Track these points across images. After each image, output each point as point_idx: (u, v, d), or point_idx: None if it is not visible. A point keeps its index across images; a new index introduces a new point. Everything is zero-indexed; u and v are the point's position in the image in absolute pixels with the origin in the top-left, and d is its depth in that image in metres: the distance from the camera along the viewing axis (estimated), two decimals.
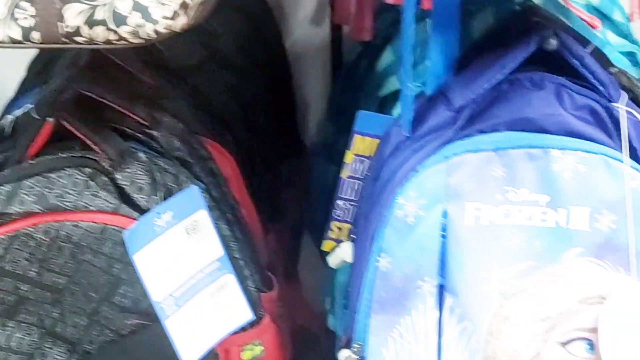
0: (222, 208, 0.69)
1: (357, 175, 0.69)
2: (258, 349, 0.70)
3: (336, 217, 0.70)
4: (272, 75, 0.88)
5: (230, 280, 0.67)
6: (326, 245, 0.71)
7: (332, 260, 0.67)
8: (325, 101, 0.92)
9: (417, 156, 0.59)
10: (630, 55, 0.78)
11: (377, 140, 0.66)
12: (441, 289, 0.59)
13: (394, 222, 0.58)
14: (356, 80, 0.85)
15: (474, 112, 0.59)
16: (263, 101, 0.84)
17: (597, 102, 0.58)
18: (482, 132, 0.58)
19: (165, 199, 0.64)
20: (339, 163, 0.72)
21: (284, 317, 0.77)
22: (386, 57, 0.76)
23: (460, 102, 0.59)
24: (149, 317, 0.64)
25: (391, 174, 0.60)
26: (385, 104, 0.75)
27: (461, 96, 0.59)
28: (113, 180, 0.63)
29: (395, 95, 0.70)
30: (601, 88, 0.58)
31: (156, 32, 0.48)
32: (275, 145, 0.87)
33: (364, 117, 0.68)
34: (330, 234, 0.71)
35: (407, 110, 0.59)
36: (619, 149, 0.57)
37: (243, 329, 0.70)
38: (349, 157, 0.69)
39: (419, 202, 0.58)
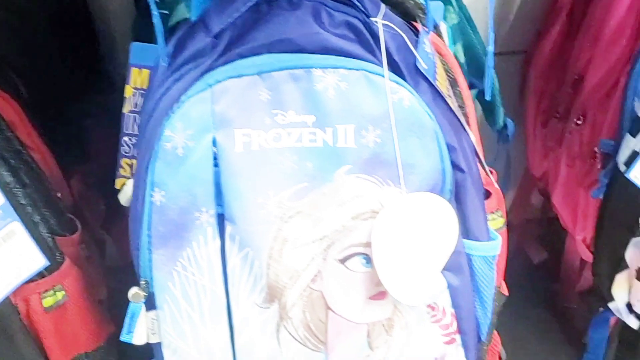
0: (2, 154, 0.66)
1: (137, 109, 0.67)
2: (60, 294, 0.69)
3: (124, 153, 0.69)
4: (64, 12, 0.84)
5: (16, 228, 0.66)
6: (118, 182, 0.69)
7: (122, 198, 0.65)
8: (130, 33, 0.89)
9: (179, 86, 0.57)
10: None
11: None
12: (221, 218, 0.59)
13: (164, 155, 0.57)
14: None
15: (233, 37, 0.57)
16: (54, 40, 0.80)
17: (356, 17, 0.57)
18: (242, 56, 0.56)
19: None
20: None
21: (90, 259, 0.76)
22: None
23: (218, 28, 0.57)
24: None
25: (156, 105, 0.58)
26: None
27: (218, 21, 0.57)
28: None
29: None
30: (358, 3, 0.57)
31: None
32: (75, 84, 0.83)
33: (137, 49, 0.65)
34: (122, 172, 0.69)
35: (160, 39, 0.57)
36: (381, 63, 0.57)
37: (41, 275, 0.68)
38: (128, 91, 0.67)
39: (186, 132, 0.56)
